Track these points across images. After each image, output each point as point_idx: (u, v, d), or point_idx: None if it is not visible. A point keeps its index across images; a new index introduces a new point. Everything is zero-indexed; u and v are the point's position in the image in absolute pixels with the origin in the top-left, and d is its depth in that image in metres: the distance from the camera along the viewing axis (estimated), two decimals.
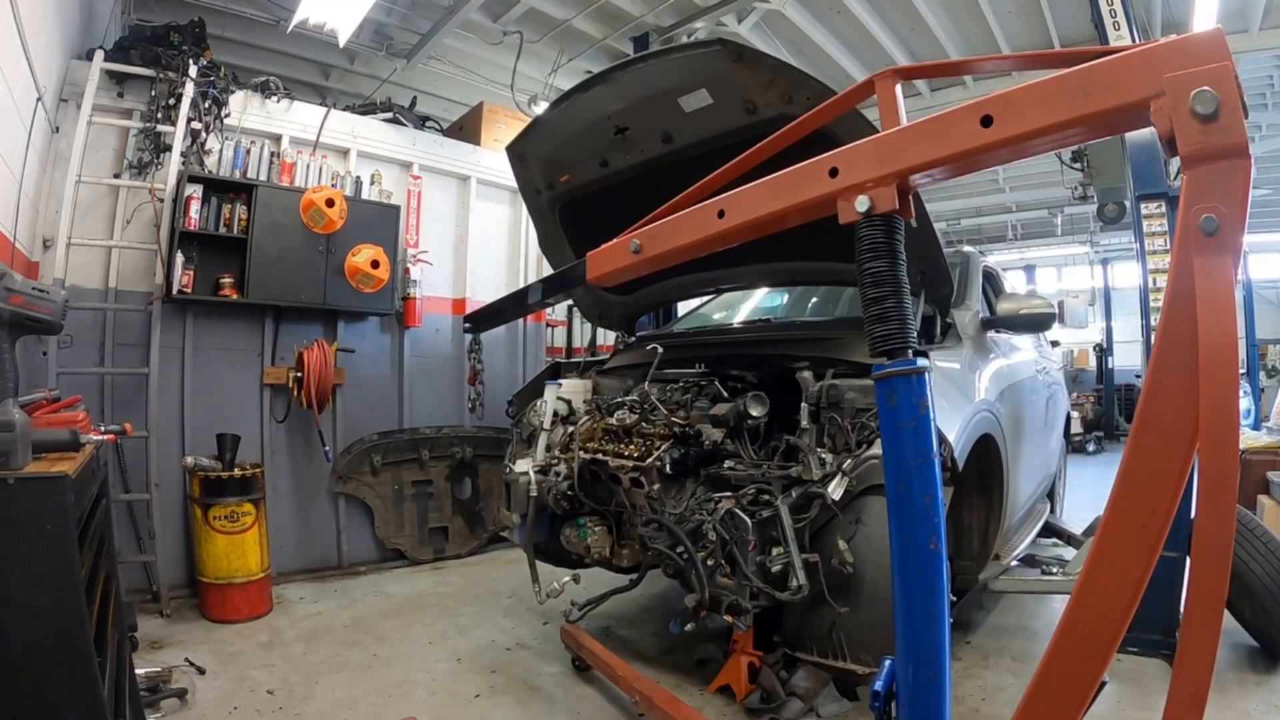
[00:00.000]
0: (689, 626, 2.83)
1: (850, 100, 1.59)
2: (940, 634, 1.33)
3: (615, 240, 1.81)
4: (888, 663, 1.40)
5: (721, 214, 1.51)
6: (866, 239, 1.30)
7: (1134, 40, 4.79)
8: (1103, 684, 1.15)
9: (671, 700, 2.86)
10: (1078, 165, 8.93)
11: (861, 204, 1.29)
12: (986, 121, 1.17)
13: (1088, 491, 6.81)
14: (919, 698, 1.34)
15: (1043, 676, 1.19)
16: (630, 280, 2.01)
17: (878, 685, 1.41)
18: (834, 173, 1.33)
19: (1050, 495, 5.45)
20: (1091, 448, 12.78)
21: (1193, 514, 1.03)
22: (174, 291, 4.52)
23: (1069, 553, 4.81)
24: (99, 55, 4.43)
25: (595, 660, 3.36)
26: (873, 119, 2.04)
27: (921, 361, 1.30)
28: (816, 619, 2.67)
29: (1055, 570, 4.12)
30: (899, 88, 1.40)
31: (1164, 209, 3.91)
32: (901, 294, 1.31)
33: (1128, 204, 6.78)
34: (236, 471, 4.39)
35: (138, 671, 2.94)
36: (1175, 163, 1.09)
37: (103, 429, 2.56)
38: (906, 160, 1.25)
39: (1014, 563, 3.87)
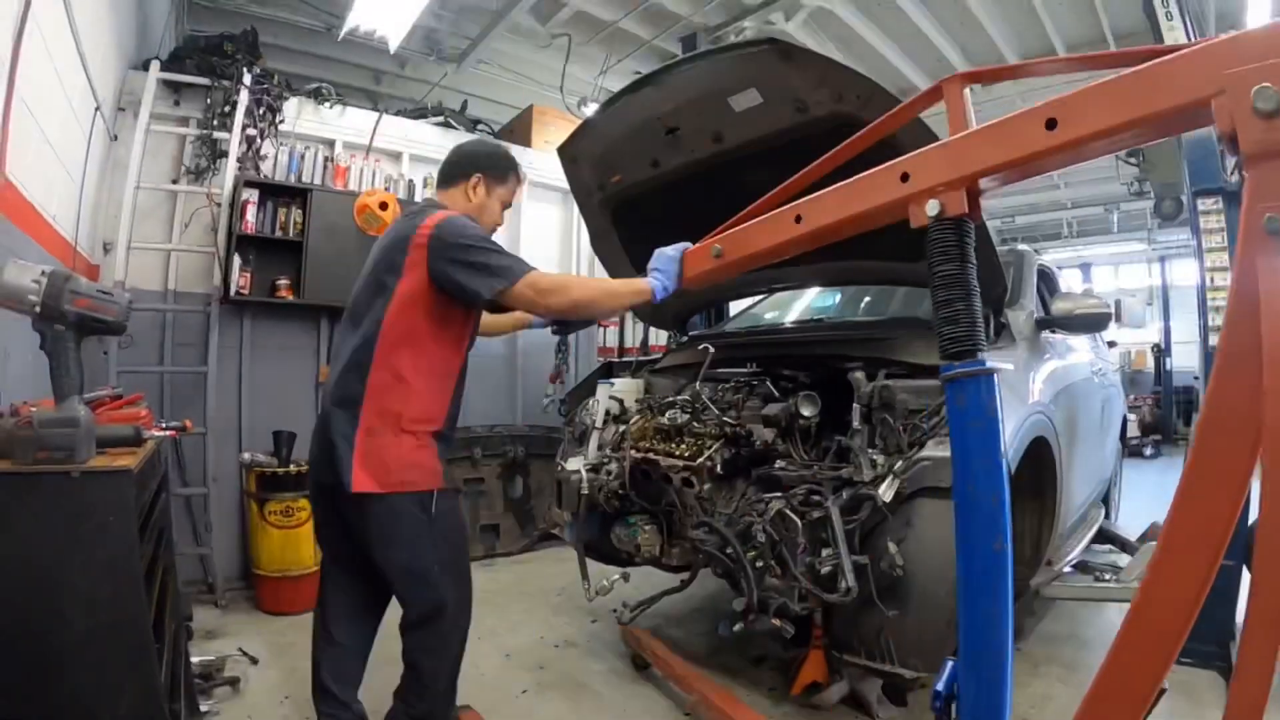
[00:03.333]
0: (737, 628, 2.82)
1: (919, 105, 1.59)
2: (1002, 636, 1.33)
3: (697, 244, 1.84)
4: (950, 664, 1.40)
5: (799, 219, 1.53)
6: (937, 242, 1.31)
7: (1187, 31, 4.67)
8: (1162, 690, 1.14)
9: (730, 700, 2.90)
10: (1133, 160, 8.72)
11: (932, 208, 1.30)
12: (1051, 124, 1.17)
13: (1145, 496, 6.64)
14: (980, 699, 1.34)
15: (1101, 683, 1.18)
16: None
17: (939, 685, 1.41)
18: (905, 178, 1.34)
19: (1105, 500, 5.33)
20: (1149, 451, 12.39)
21: (1251, 520, 1.01)
22: (232, 293, 4.65)
23: (1124, 559, 4.68)
24: (155, 65, 4.55)
25: (656, 659, 3.38)
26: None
27: (991, 363, 1.30)
28: (865, 622, 2.65)
29: (1109, 577, 4.00)
30: (967, 91, 1.40)
31: (1220, 205, 3.78)
32: (971, 296, 1.31)
33: (1184, 199, 6.59)
34: (292, 468, 4.47)
35: (192, 660, 3.02)
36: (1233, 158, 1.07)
37: (164, 425, 2.64)
38: (975, 164, 1.25)
39: (1067, 569, 3.78)
